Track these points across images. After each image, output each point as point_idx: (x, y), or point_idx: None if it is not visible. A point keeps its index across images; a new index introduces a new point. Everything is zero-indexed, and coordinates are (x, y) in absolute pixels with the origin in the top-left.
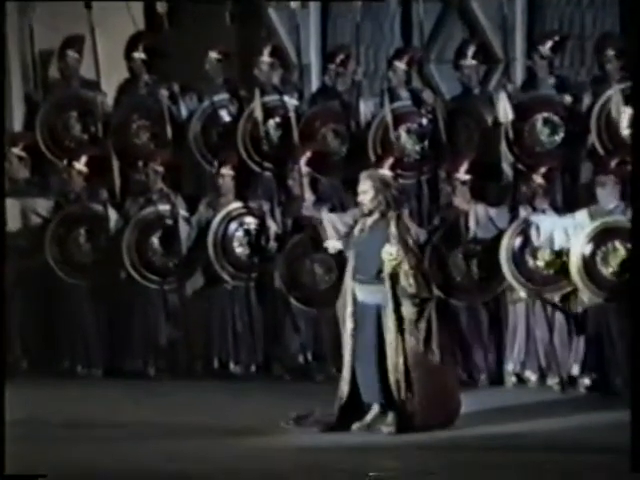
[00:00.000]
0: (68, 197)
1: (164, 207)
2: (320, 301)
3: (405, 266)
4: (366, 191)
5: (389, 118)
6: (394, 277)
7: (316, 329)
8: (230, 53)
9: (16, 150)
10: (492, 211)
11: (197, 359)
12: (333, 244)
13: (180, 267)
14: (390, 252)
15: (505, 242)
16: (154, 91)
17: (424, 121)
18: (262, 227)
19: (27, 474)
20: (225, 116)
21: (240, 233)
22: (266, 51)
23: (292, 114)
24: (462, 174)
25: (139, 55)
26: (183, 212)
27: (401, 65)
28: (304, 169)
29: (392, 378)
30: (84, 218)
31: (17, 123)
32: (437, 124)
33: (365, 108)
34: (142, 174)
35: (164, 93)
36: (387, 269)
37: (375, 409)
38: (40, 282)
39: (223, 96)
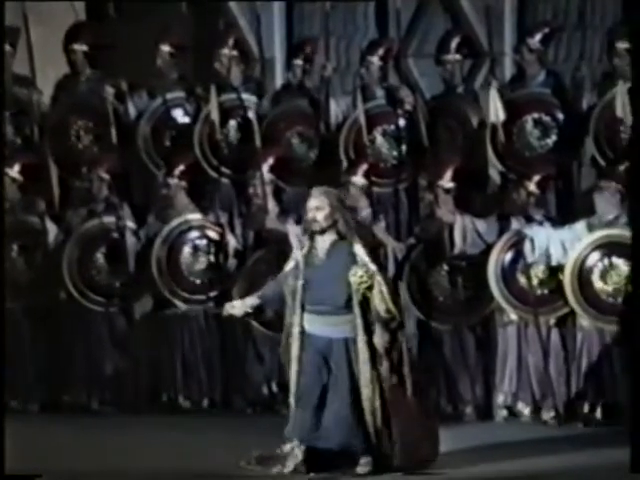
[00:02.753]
0: None
1: (109, 219)
2: None
3: (382, 287)
4: (321, 208)
5: (362, 119)
6: (363, 304)
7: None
8: (185, 46)
9: None
10: (479, 223)
11: (146, 392)
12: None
13: (127, 287)
14: (360, 274)
15: (494, 257)
16: (97, 88)
17: (402, 122)
18: (220, 241)
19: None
20: (180, 116)
21: (191, 248)
22: (228, 43)
23: (252, 114)
24: (446, 181)
25: (80, 47)
26: (131, 224)
27: (376, 59)
28: (267, 176)
29: (368, 417)
30: (18, 232)
31: None
32: (416, 126)
33: (335, 108)
34: (84, 182)
35: (109, 90)
36: (357, 295)
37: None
38: None
39: (177, 94)
